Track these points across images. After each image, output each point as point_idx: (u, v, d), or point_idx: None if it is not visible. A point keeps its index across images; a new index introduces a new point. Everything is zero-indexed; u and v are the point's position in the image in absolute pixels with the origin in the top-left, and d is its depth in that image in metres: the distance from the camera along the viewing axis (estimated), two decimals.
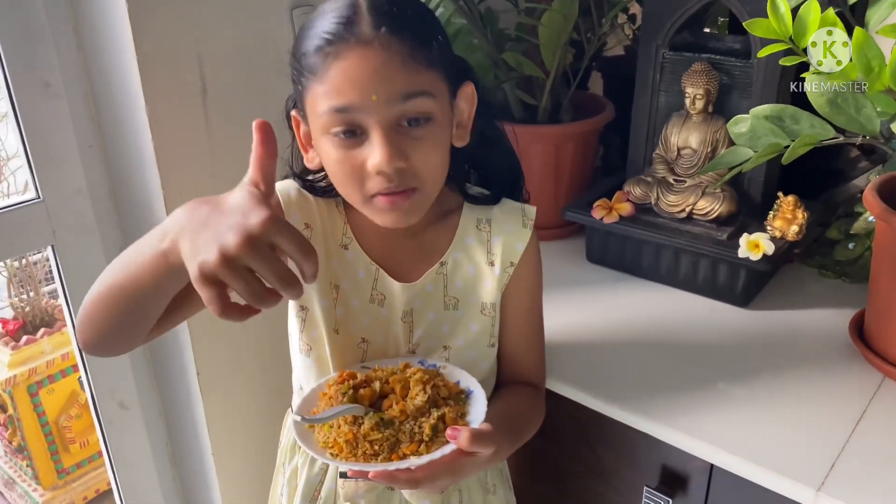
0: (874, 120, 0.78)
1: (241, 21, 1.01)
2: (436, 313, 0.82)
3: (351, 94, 0.66)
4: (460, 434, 0.66)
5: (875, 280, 0.90)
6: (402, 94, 0.67)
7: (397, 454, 0.68)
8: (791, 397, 0.86)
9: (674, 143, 1.08)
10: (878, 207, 0.84)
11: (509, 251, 0.82)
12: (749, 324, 1.01)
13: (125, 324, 0.67)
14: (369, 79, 0.66)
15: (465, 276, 0.82)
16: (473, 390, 0.75)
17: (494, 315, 0.83)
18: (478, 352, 0.83)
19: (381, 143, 0.67)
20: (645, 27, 1.09)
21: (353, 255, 0.81)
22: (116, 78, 0.95)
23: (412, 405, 0.70)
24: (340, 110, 0.67)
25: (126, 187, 1.03)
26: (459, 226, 0.82)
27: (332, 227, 0.80)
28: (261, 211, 0.54)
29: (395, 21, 0.67)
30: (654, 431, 0.83)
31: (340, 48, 0.66)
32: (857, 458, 0.77)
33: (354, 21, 0.66)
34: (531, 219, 0.83)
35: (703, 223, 1.04)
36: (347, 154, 0.69)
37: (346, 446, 0.68)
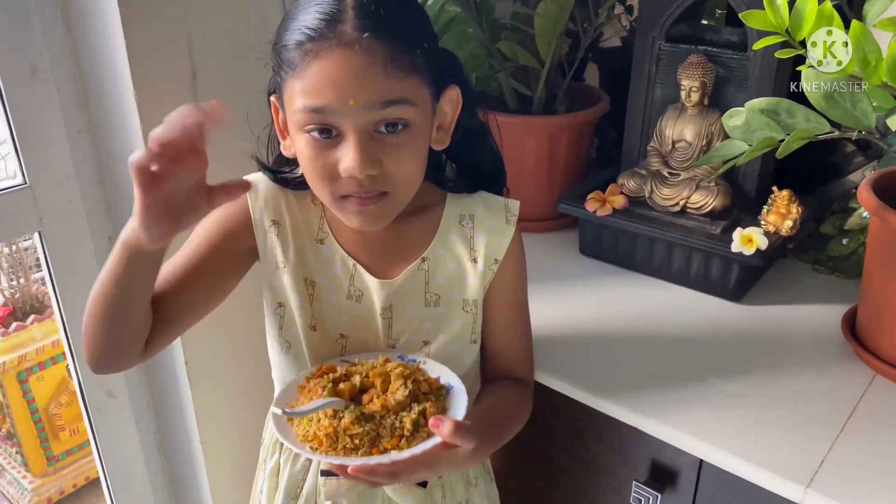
0: (870, 115, 0.77)
1: (233, 5, 1.00)
2: (416, 310, 0.80)
3: (328, 96, 0.65)
4: (443, 424, 0.65)
5: (868, 277, 0.89)
6: (381, 101, 0.66)
7: (378, 448, 0.67)
8: (782, 393, 0.86)
9: (669, 135, 1.07)
10: (873, 203, 0.84)
11: (493, 248, 0.80)
12: (741, 319, 1.00)
13: (117, 330, 0.69)
14: (348, 83, 0.64)
15: (447, 273, 0.81)
16: (454, 386, 0.75)
17: (476, 312, 0.81)
18: (459, 347, 0.82)
19: (355, 148, 0.66)
20: (641, 18, 1.08)
21: (329, 249, 0.79)
22: (105, 62, 0.93)
23: (393, 400, 0.70)
24: (316, 110, 0.66)
25: (114, 173, 1.02)
26: (441, 222, 0.81)
27: (307, 221, 0.79)
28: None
29: (379, 24, 0.65)
30: (644, 426, 0.83)
31: (321, 47, 0.64)
32: (847, 455, 0.76)
33: (338, 19, 0.64)
34: (515, 214, 0.81)
35: (696, 217, 1.04)
36: (320, 153, 0.68)
37: (326, 440, 0.67)
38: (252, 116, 0.80)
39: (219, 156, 1.02)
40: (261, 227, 0.78)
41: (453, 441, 0.66)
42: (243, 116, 1.02)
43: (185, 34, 0.95)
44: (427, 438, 0.67)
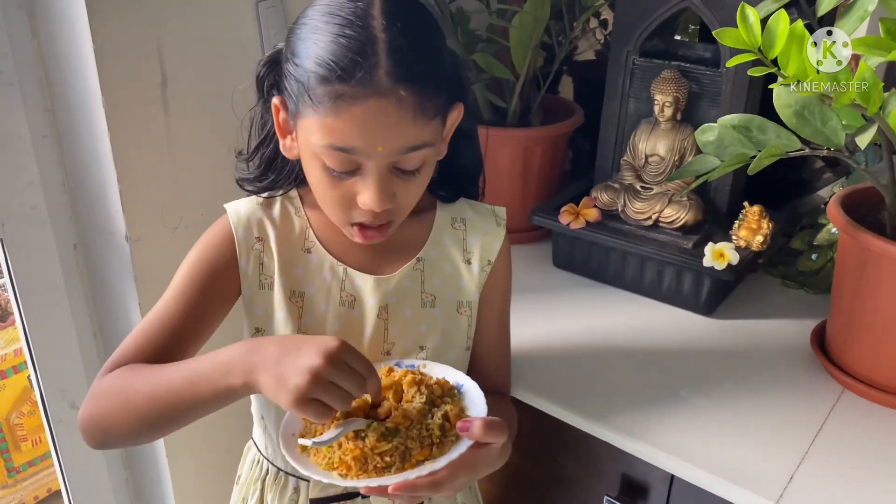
0: (840, 133, 0.78)
1: (205, 13, 0.98)
2: (412, 310, 0.80)
3: (357, 140, 0.65)
4: (472, 425, 0.65)
5: (837, 292, 0.90)
6: (407, 147, 0.66)
7: (410, 462, 0.64)
8: (752, 407, 0.86)
9: (642, 149, 1.08)
10: (842, 220, 0.85)
11: (487, 249, 0.81)
12: (713, 333, 1.01)
13: (153, 433, 0.72)
14: (379, 131, 0.64)
15: (443, 274, 0.81)
16: (464, 384, 0.73)
17: (471, 314, 0.82)
18: (455, 354, 0.81)
19: (375, 185, 0.67)
20: (615, 33, 1.08)
21: (317, 257, 0.78)
22: (72, 66, 0.91)
23: (413, 409, 0.67)
24: (340, 150, 0.66)
25: (81, 179, 1.00)
26: (435, 224, 0.81)
27: (292, 233, 0.78)
28: (335, 341, 0.64)
29: (413, 73, 0.64)
30: (615, 441, 0.83)
31: (354, 93, 0.62)
32: (816, 470, 0.77)
33: (372, 64, 0.62)
34: (503, 218, 0.84)
35: (668, 231, 1.04)
36: (337, 183, 0.69)
37: (356, 463, 0.64)
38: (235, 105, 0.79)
39: (194, 164, 1.01)
40: (245, 247, 0.76)
41: (486, 439, 0.65)
42: (215, 124, 1.01)
43: (155, 40, 0.94)
44: (456, 442, 0.65)
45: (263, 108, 0.76)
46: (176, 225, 1.02)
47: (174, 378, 0.67)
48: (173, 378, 0.67)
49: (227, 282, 0.76)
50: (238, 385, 0.64)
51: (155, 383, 0.68)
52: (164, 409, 0.67)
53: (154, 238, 1.01)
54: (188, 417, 0.68)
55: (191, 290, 0.74)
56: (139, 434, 0.71)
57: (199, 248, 0.77)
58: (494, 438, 0.66)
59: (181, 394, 0.66)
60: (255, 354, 0.64)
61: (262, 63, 0.75)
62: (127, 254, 0.99)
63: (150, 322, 0.74)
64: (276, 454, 0.82)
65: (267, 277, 0.77)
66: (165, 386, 0.67)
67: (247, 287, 0.77)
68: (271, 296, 0.77)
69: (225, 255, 0.76)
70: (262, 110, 0.76)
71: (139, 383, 0.68)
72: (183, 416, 0.68)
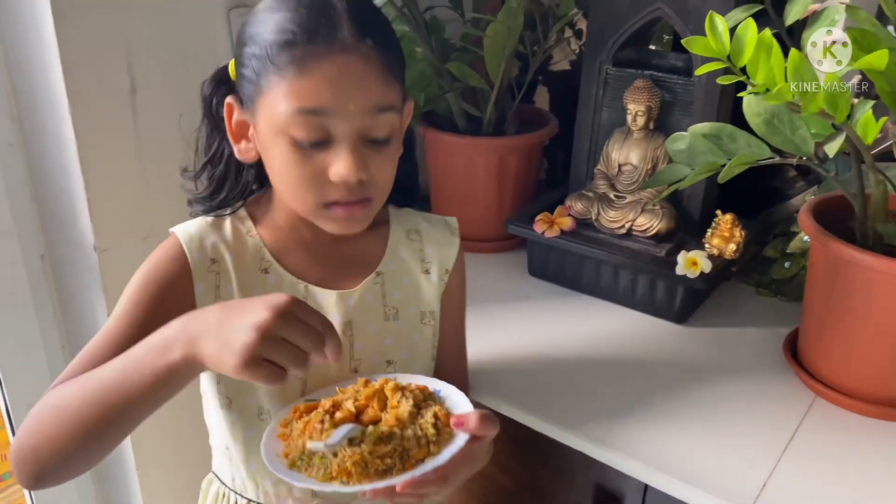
0: (809, 141, 0.78)
1: (175, 20, 0.98)
2: (376, 325, 0.79)
3: (327, 98, 0.64)
4: (468, 419, 0.65)
5: (808, 300, 0.91)
6: (377, 106, 0.66)
7: (409, 462, 0.64)
8: (726, 415, 0.86)
9: (615, 159, 1.08)
10: (812, 228, 0.85)
11: (443, 259, 0.82)
12: (686, 341, 1.01)
13: (103, 444, 0.63)
14: (349, 87, 0.64)
15: (402, 286, 0.81)
16: (441, 389, 0.73)
17: (435, 324, 0.82)
18: (422, 365, 0.81)
19: (349, 153, 0.66)
20: (589, 43, 1.09)
21: (275, 278, 0.76)
22: (38, 74, 0.90)
23: (403, 412, 0.67)
24: (311, 112, 0.65)
25: (48, 189, 0.98)
26: (391, 237, 0.81)
27: (246, 254, 0.76)
28: (285, 295, 0.59)
29: (377, 33, 0.66)
30: (589, 450, 0.82)
31: (320, 50, 0.63)
32: (788, 477, 0.77)
33: (336, 25, 0.64)
34: (456, 227, 0.85)
35: (642, 239, 1.04)
36: (306, 159, 0.67)
37: (356, 469, 0.63)
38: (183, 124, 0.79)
39: (163, 172, 1.00)
40: (201, 270, 0.73)
41: (482, 432, 0.66)
42: (186, 132, 1.00)
43: (124, 47, 0.93)
44: (451, 439, 0.66)
45: (209, 128, 0.76)
46: (146, 234, 1.01)
47: (105, 373, 0.61)
48: (104, 373, 0.62)
49: (178, 302, 0.71)
50: (178, 360, 0.59)
51: (84, 385, 0.62)
52: (99, 410, 0.60)
53: (123, 248, 0.99)
54: (129, 416, 0.61)
55: (139, 309, 0.70)
56: (77, 451, 0.62)
57: (148, 267, 0.73)
58: (489, 431, 0.66)
59: (116, 387, 0.60)
60: (195, 323, 0.60)
61: (207, 83, 0.74)
62: (95, 264, 0.98)
63: (96, 344, 0.69)
64: (247, 485, 0.79)
65: (223, 300, 0.73)
66: (97, 384, 0.61)
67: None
68: None
69: (177, 275, 0.72)
70: (208, 130, 0.76)
71: (69, 392, 0.62)
72: (122, 416, 0.61)
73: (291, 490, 0.78)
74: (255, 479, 0.78)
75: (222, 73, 0.74)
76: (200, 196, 0.77)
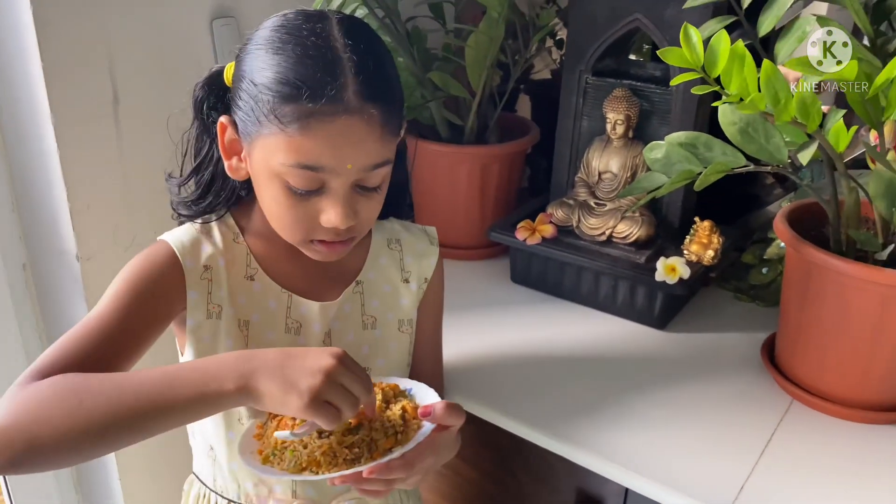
0: (782, 149, 0.80)
1: (158, 29, 0.98)
2: (355, 333, 0.81)
3: (327, 158, 0.65)
4: (434, 408, 0.68)
5: (785, 305, 0.92)
6: (373, 164, 0.67)
7: (377, 452, 0.66)
8: (705, 419, 0.87)
9: (595, 167, 1.09)
10: (787, 235, 0.87)
11: (423, 268, 0.84)
12: (667, 346, 1.02)
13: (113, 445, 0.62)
14: (349, 149, 0.65)
15: (381, 295, 0.82)
16: (412, 387, 0.74)
17: (412, 332, 0.83)
18: (398, 373, 0.83)
19: (340, 203, 0.68)
20: (569, 52, 1.10)
21: (260, 285, 0.77)
22: (19, 82, 0.90)
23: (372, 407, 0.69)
24: (309, 168, 0.65)
25: (30, 197, 0.98)
26: (372, 246, 0.83)
27: (235, 260, 0.76)
28: (339, 348, 0.64)
29: (379, 92, 0.65)
30: (570, 455, 0.83)
31: (325, 111, 0.63)
32: (766, 479, 0.78)
33: (342, 86, 0.63)
34: (435, 237, 0.86)
35: (622, 246, 1.06)
36: (298, 203, 0.68)
37: (324, 458, 0.65)
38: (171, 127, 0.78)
39: (146, 183, 1.00)
40: (194, 277, 0.73)
41: (448, 421, 0.68)
42: (169, 141, 1.00)
43: (106, 56, 0.93)
44: (418, 429, 0.68)
45: (199, 131, 0.76)
46: (128, 244, 1.01)
47: (147, 380, 0.61)
48: (146, 379, 0.61)
49: (168, 303, 0.72)
50: (230, 390, 0.60)
51: (120, 385, 0.60)
52: (128, 414, 0.59)
53: (106, 257, 0.99)
54: (153, 427, 0.61)
55: (132, 304, 0.69)
56: (79, 446, 0.59)
57: (140, 265, 0.72)
58: (455, 420, 0.69)
59: (156, 396, 0.60)
60: (253, 360, 0.62)
61: (200, 85, 0.74)
62: (78, 273, 0.97)
63: (86, 331, 0.67)
64: (228, 486, 0.80)
65: (215, 307, 0.74)
66: (133, 388, 0.60)
67: (194, 317, 0.74)
68: (219, 325, 0.74)
69: (171, 278, 0.72)
70: (198, 133, 0.76)
71: (98, 384, 0.60)
72: (148, 425, 0.61)
73: (272, 491, 0.79)
74: (237, 480, 0.79)
75: (217, 78, 0.73)
76: (187, 200, 0.77)
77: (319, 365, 0.61)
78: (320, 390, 0.60)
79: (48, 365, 0.64)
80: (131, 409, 0.60)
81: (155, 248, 0.74)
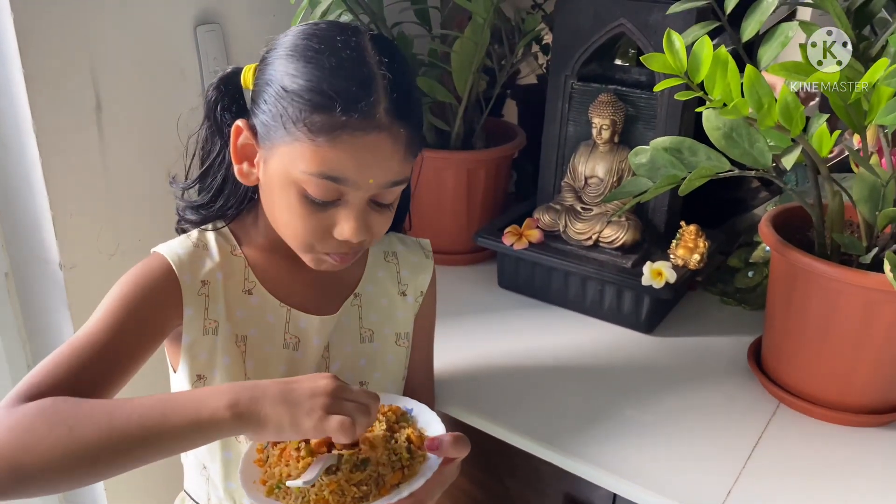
0: (766, 154, 0.80)
1: (141, 35, 0.97)
2: (352, 346, 0.80)
3: (351, 171, 0.65)
4: (442, 442, 0.67)
5: (770, 308, 0.93)
6: (393, 181, 0.68)
7: (385, 488, 0.65)
8: (692, 423, 0.87)
9: (581, 171, 1.09)
10: (772, 238, 0.87)
11: (420, 281, 0.84)
12: (654, 350, 1.02)
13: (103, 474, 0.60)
14: (374, 164, 0.66)
15: (379, 308, 0.82)
16: (413, 408, 0.74)
17: (409, 345, 0.83)
18: (394, 386, 0.83)
19: (356, 217, 0.68)
20: (554, 58, 1.10)
21: (259, 300, 0.75)
22: (1, 91, 0.89)
23: (377, 437, 0.68)
24: (331, 179, 0.65)
25: (12, 205, 0.97)
26: (369, 259, 0.82)
27: (232, 273, 0.75)
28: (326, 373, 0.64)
29: (408, 111, 0.66)
30: (558, 461, 0.83)
31: (357, 125, 0.63)
32: (754, 483, 0.78)
33: (375, 101, 0.63)
34: (430, 250, 0.86)
35: (608, 251, 1.06)
36: (313, 213, 0.68)
37: (333, 497, 0.63)
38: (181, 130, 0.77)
39: (129, 189, 0.99)
40: (191, 292, 0.72)
41: (455, 454, 0.67)
42: (153, 148, 0.99)
43: (88, 62, 0.92)
44: (424, 461, 0.67)
45: (209, 132, 0.74)
46: (112, 252, 1.00)
47: (138, 408, 0.59)
48: (137, 407, 0.59)
49: (163, 320, 0.71)
50: (227, 417, 0.59)
51: (111, 412, 0.58)
52: (120, 443, 0.57)
53: (90, 265, 0.98)
54: (146, 457, 0.59)
55: (126, 321, 0.67)
56: (67, 474, 0.57)
57: (135, 280, 0.70)
58: (462, 452, 0.68)
59: (148, 425, 0.58)
60: (251, 389, 0.61)
61: (214, 85, 0.73)
62: (61, 282, 0.97)
63: (76, 350, 0.65)
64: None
65: (212, 322, 0.73)
66: (127, 416, 0.58)
67: (189, 334, 0.72)
68: (215, 341, 0.73)
69: (167, 294, 0.71)
70: (208, 134, 0.75)
71: (89, 411, 0.58)
72: (140, 454, 0.59)
73: None
74: (234, 498, 0.77)
75: (232, 79, 0.72)
76: (195, 204, 0.75)
77: (319, 385, 0.61)
78: (329, 406, 0.60)
79: (35, 385, 0.61)
80: (122, 439, 0.58)
81: (150, 262, 0.72)
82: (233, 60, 1.07)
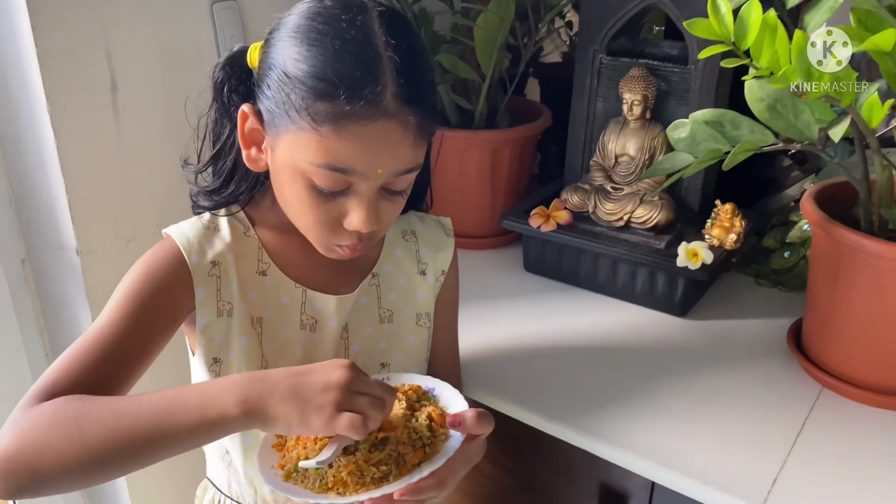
0: (812, 126, 0.76)
1: (156, 14, 0.94)
2: (372, 328, 0.78)
3: (358, 161, 0.62)
4: (464, 418, 0.64)
5: (812, 289, 0.89)
6: (404, 170, 0.65)
7: (405, 468, 0.62)
8: (731, 409, 0.84)
9: (611, 150, 1.06)
10: (816, 215, 0.83)
11: (440, 260, 0.81)
12: (688, 334, 0.99)
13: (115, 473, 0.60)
14: (383, 153, 0.62)
15: (398, 288, 0.79)
16: (435, 387, 0.71)
17: (430, 326, 0.81)
18: (417, 367, 0.80)
19: (365, 208, 0.65)
20: (582, 31, 1.06)
21: (273, 281, 0.74)
22: (14, 72, 0.87)
23: (396, 416, 0.65)
24: (338, 170, 0.62)
25: (27, 191, 0.95)
26: (387, 238, 0.80)
27: (245, 255, 0.73)
28: (345, 360, 0.62)
29: (418, 96, 0.62)
30: (592, 447, 0.80)
31: (362, 113, 0.60)
32: (799, 471, 0.75)
33: (382, 84, 0.60)
34: (450, 228, 0.83)
35: (640, 231, 1.02)
36: (321, 203, 0.65)
37: (352, 478, 0.61)
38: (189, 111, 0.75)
39: (146, 172, 0.96)
40: (201, 274, 0.70)
41: (479, 430, 0.65)
42: (169, 129, 0.97)
43: (103, 42, 0.89)
44: (446, 440, 0.64)
45: (219, 114, 0.72)
46: (130, 237, 0.98)
47: (145, 407, 0.58)
48: (144, 406, 0.58)
49: (176, 306, 0.69)
50: (235, 414, 0.57)
51: (118, 412, 0.58)
52: (128, 443, 0.57)
53: (107, 251, 0.96)
54: (155, 455, 0.59)
55: (138, 312, 0.66)
56: (81, 475, 0.58)
57: (144, 268, 0.69)
58: (485, 429, 0.65)
59: (154, 425, 0.57)
60: (260, 383, 0.59)
61: (220, 65, 0.70)
62: (78, 268, 0.94)
63: (90, 346, 0.64)
64: (244, 491, 0.77)
65: (225, 304, 0.71)
66: (134, 416, 0.58)
67: (203, 316, 0.70)
68: (230, 323, 0.71)
69: (177, 279, 0.69)
70: (217, 116, 0.72)
71: (97, 411, 0.58)
72: (149, 453, 0.58)
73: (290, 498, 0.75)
74: (254, 485, 0.76)
75: (239, 59, 0.70)
76: (207, 189, 0.74)
77: (332, 378, 0.59)
78: (340, 403, 0.58)
79: (51, 384, 0.62)
80: (131, 440, 0.57)
81: (158, 248, 0.71)
82: (250, 39, 1.04)
